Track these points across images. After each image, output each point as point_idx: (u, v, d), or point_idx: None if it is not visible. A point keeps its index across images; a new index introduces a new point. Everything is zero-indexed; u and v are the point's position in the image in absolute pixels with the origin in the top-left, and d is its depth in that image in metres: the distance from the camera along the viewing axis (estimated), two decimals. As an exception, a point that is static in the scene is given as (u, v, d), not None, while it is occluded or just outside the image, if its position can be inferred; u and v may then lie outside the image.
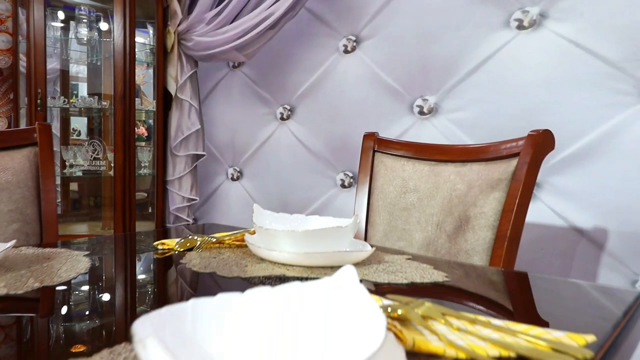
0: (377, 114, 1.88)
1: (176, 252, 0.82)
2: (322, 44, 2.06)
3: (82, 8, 2.44)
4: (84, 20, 2.45)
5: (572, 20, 1.47)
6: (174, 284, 0.71)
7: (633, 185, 1.37)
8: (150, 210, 2.64)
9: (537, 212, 1.52)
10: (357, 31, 1.95)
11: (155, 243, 0.86)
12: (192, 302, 0.35)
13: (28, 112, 2.22)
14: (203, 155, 2.43)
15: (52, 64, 2.52)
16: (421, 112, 1.77)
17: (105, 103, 2.52)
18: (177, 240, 0.85)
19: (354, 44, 1.96)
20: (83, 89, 2.68)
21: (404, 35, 1.82)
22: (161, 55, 2.43)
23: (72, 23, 2.48)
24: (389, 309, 0.46)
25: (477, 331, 0.44)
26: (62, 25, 2.50)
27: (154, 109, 2.47)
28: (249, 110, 2.34)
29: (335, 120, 2.02)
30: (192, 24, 2.34)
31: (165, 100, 2.45)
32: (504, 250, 0.93)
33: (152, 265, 0.81)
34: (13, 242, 0.70)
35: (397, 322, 0.44)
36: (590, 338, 0.42)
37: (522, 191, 0.95)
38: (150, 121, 2.75)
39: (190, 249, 0.83)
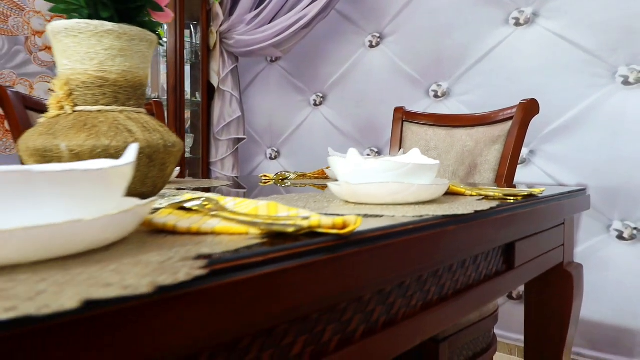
0: (398, 98, 2.24)
1: (274, 181, 1.19)
2: (350, 40, 2.41)
3: (137, 12, 2.81)
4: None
5: (558, 18, 1.83)
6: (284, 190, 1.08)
7: (607, 150, 1.72)
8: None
9: (531, 174, 1.87)
10: (380, 29, 2.31)
11: (260, 175, 1.23)
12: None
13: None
14: (244, 139, 2.77)
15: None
16: (436, 96, 2.13)
17: (154, 95, 2.89)
18: (273, 175, 1.22)
19: (378, 39, 2.32)
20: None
21: (421, 31, 2.18)
22: (205, 52, 2.78)
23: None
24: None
25: (481, 190, 0.80)
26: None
27: (194, 99, 2.83)
28: (285, 98, 2.70)
29: (362, 105, 2.38)
30: (233, 25, 2.69)
31: (208, 91, 2.81)
32: (502, 185, 1.29)
33: (263, 187, 1.18)
34: (178, 168, 1.06)
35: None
36: (542, 188, 0.78)
37: (515, 143, 1.31)
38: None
39: (283, 180, 1.20)
